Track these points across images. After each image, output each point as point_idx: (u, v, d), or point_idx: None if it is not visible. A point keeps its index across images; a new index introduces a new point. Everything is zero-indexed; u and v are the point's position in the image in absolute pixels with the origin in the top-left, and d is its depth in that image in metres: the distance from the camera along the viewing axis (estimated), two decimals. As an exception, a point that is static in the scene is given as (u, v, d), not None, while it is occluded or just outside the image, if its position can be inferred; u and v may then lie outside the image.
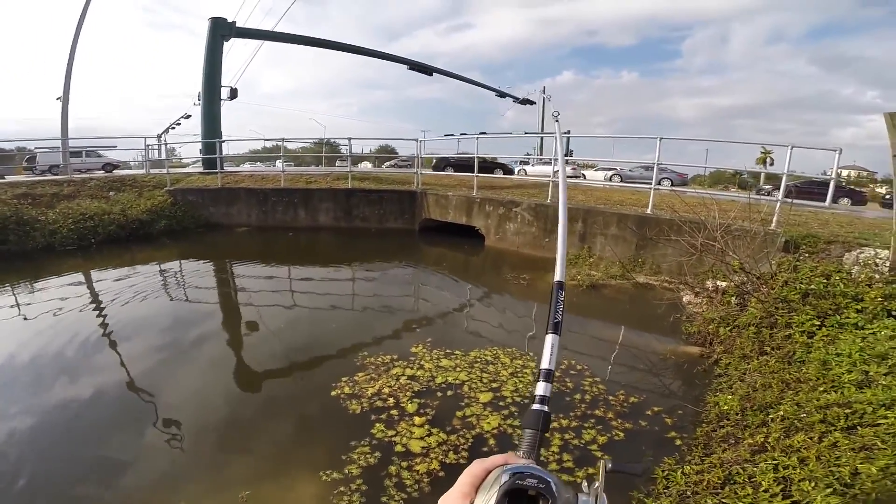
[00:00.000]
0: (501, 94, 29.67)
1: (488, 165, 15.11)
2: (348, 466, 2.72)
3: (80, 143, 15.45)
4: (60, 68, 14.63)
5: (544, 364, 0.68)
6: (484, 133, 9.49)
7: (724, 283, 4.85)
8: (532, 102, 32.88)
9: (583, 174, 21.99)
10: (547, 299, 0.65)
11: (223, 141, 14.52)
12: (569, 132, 20.58)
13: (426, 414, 3.27)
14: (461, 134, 18.48)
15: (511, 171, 18.66)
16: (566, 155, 23.93)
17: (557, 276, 0.79)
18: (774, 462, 2.01)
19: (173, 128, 22.29)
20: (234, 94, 16.24)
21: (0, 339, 4.66)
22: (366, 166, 23.97)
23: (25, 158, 14.43)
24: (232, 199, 11.16)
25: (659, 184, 8.10)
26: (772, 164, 16.02)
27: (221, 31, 14.88)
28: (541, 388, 0.60)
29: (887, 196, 15.70)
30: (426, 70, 22.47)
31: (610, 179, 19.63)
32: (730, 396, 2.82)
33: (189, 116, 21.13)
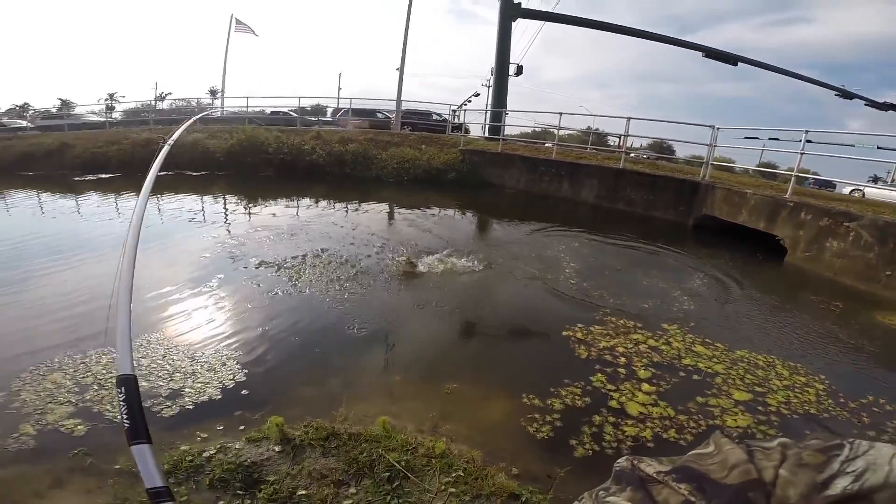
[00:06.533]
0: (847, 95, 22.02)
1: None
2: (552, 399, 2.84)
3: (411, 106, 19.99)
4: (397, 45, 18.97)
5: (148, 483, 0.60)
6: (808, 132, 7.11)
7: None
8: (900, 107, 23.62)
9: None
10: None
11: (507, 112, 16.15)
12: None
13: (658, 385, 3.08)
14: (770, 138, 15.11)
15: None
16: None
17: (123, 369, 0.64)
18: None
19: (466, 104, 26.08)
20: (519, 70, 17.86)
21: (325, 239, 6.28)
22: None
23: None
24: (507, 163, 12.37)
25: None
26: None
27: (510, 11, 16.61)
28: None
29: None
30: (728, 59, 18.87)
31: None
32: None
33: (478, 95, 24.41)
